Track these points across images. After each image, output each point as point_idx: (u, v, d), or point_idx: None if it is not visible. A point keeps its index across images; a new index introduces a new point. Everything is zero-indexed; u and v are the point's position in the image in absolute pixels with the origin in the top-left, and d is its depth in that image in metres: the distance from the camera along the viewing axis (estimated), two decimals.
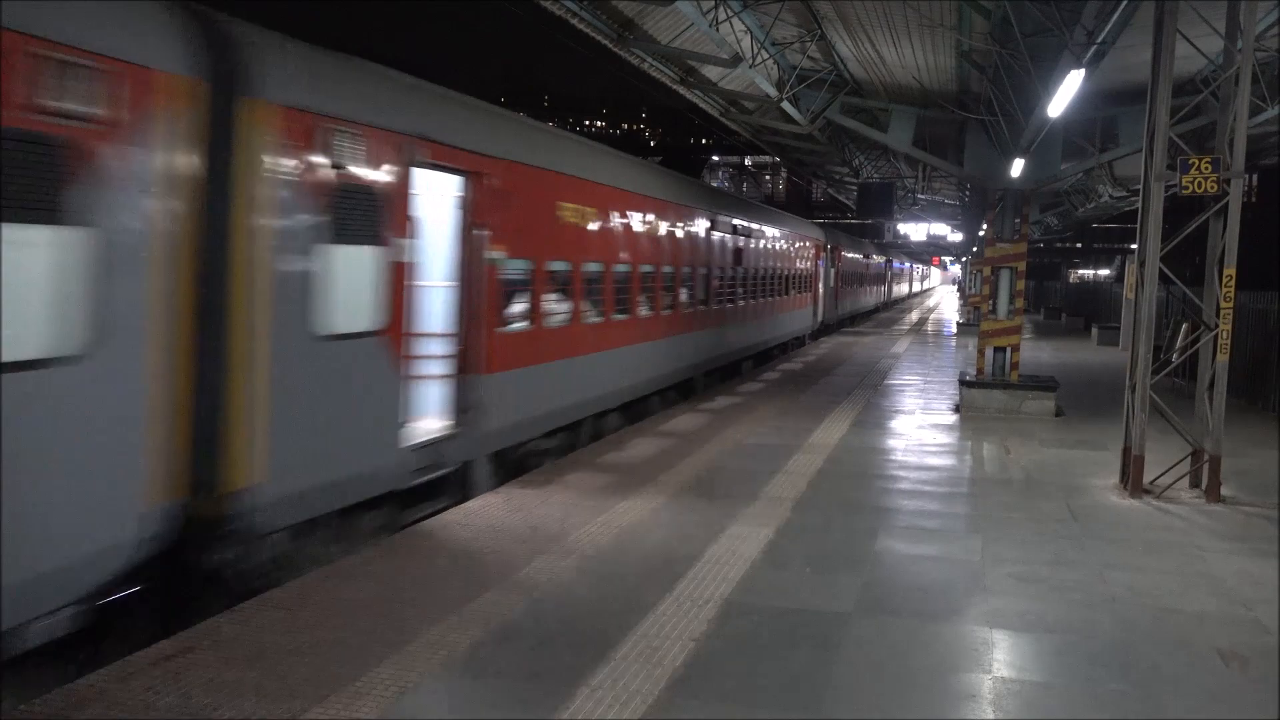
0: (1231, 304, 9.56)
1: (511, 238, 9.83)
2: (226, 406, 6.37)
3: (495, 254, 9.51)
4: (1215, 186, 9.46)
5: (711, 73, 17.85)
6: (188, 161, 6.01)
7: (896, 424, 13.94)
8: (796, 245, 26.79)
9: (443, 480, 8.93)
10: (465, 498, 9.08)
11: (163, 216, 5.83)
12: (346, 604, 6.13)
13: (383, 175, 7.72)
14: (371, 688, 4.96)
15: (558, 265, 11.17)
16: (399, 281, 7.98)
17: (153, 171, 5.73)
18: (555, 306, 11.19)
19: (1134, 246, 10.63)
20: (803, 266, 27.69)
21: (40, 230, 5.10)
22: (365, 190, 7.51)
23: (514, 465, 10.39)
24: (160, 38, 5.82)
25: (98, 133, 5.33)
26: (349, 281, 7.36)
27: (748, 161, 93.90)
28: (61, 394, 5.23)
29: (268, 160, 6.53)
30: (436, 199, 9.18)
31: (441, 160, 8.54)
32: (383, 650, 5.42)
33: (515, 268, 10.05)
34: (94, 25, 5.36)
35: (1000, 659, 5.59)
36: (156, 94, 5.72)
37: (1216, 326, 9.68)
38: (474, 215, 9.23)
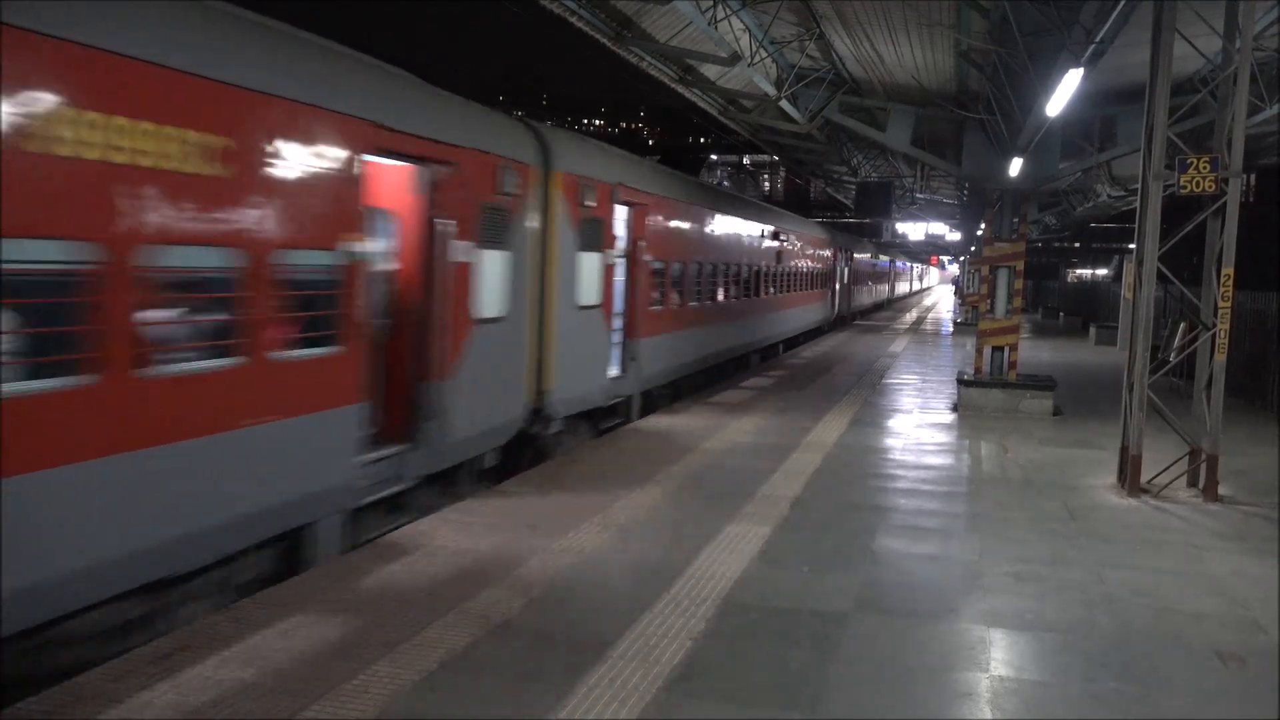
0: (1229, 303, 9.57)
1: (654, 246, 14.55)
2: (545, 345, 10.94)
3: (646, 257, 14.27)
4: (1213, 186, 9.47)
5: (710, 71, 17.84)
6: (537, 208, 10.62)
7: (895, 423, 13.94)
8: (822, 249, 31.76)
9: (619, 405, 13.73)
10: (629, 420, 13.83)
11: (532, 241, 10.48)
12: (343, 601, 6.13)
13: (603, 209, 12.35)
14: (369, 686, 4.95)
15: (678, 264, 15.90)
16: (608, 275, 12.68)
17: (530, 216, 10.40)
18: (676, 294, 15.88)
19: (1132, 246, 10.64)
20: (825, 266, 32.53)
21: (497, 253, 9.64)
22: (596, 219, 12.12)
23: (646, 404, 14.76)
24: (529, 147, 10.48)
25: (515, 200, 9.95)
26: (587, 274, 11.96)
27: (746, 160, 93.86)
28: (503, 336, 9.91)
29: (559, 203, 11.02)
30: (620, 222, 13.41)
31: (626, 198, 13.21)
32: (380, 648, 5.41)
33: (656, 266, 14.76)
34: (515, 145, 10.12)
35: (998, 658, 5.59)
36: (529, 176, 10.34)
37: (1214, 326, 9.68)
38: (637, 232, 13.98)
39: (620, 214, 13.28)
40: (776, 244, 23.78)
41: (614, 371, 13.18)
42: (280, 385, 6.64)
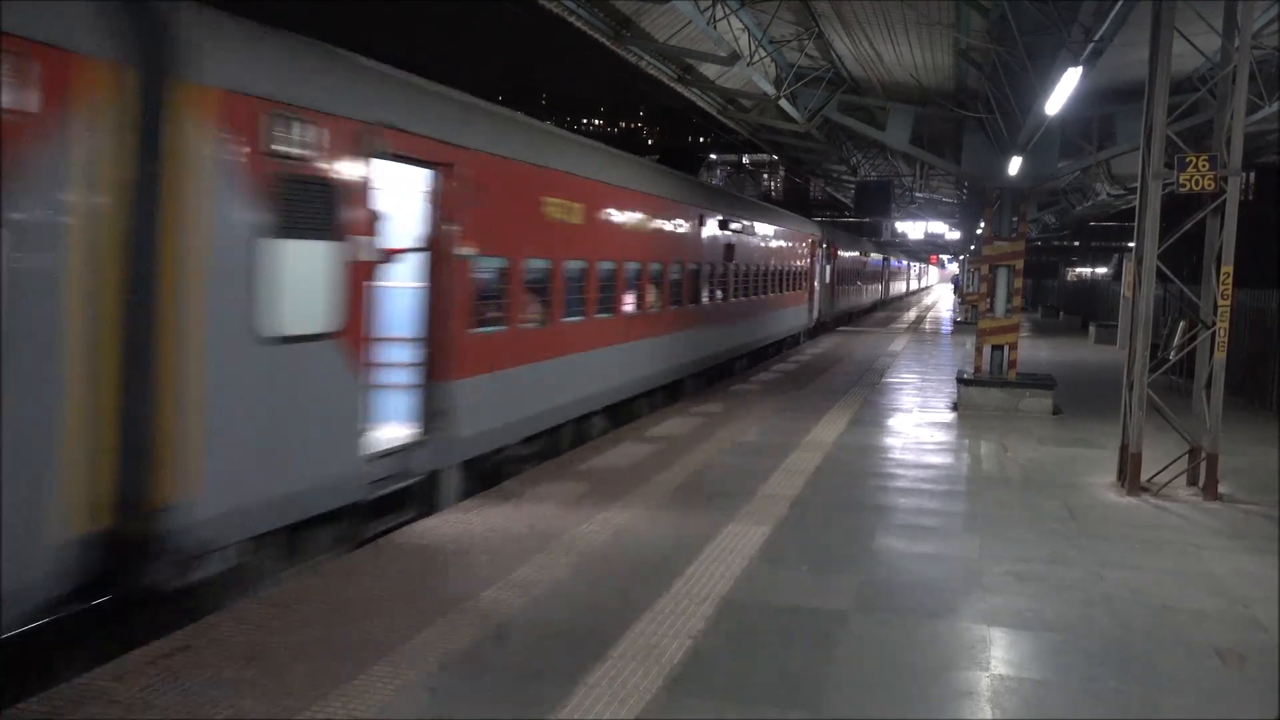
0: (1229, 302, 9.57)
1: (487, 233, 9.59)
2: (163, 408, 6.07)
3: (468, 250, 9.35)
4: (1213, 184, 9.47)
5: (709, 71, 17.84)
6: (125, 149, 5.71)
7: (894, 422, 13.94)
8: (795, 243, 26.58)
9: (412, 489, 8.69)
10: (430, 510, 9.02)
11: (103, 212, 5.54)
12: (344, 602, 6.13)
13: (339, 161, 7.28)
14: (369, 686, 4.96)
15: (540, 262, 11.24)
16: (356, 280, 7.72)
17: (93, 163, 5.48)
18: (539, 306, 11.15)
19: (1132, 245, 10.64)
20: (800, 264, 27.36)
21: None
22: (323, 183, 7.17)
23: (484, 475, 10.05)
24: (96, 22, 5.50)
25: (33, 122, 5.11)
26: (300, 278, 7.14)
27: (745, 160, 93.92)
28: None
29: (206, 146, 6.22)
30: (399, 191, 8.98)
31: (416, 151, 8.36)
32: (380, 649, 5.42)
33: (494, 265, 10.17)
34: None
35: (998, 657, 5.59)
36: (98, 81, 5.48)
37: (1214, 324, 9.68)
38: (449, 209, 9.24)
39: (404, 179, 8.70)
40: (726, 236, 18.94)
41: (398, 435, 8.52)
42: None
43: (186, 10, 6.10)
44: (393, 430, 8.54)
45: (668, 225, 15.62)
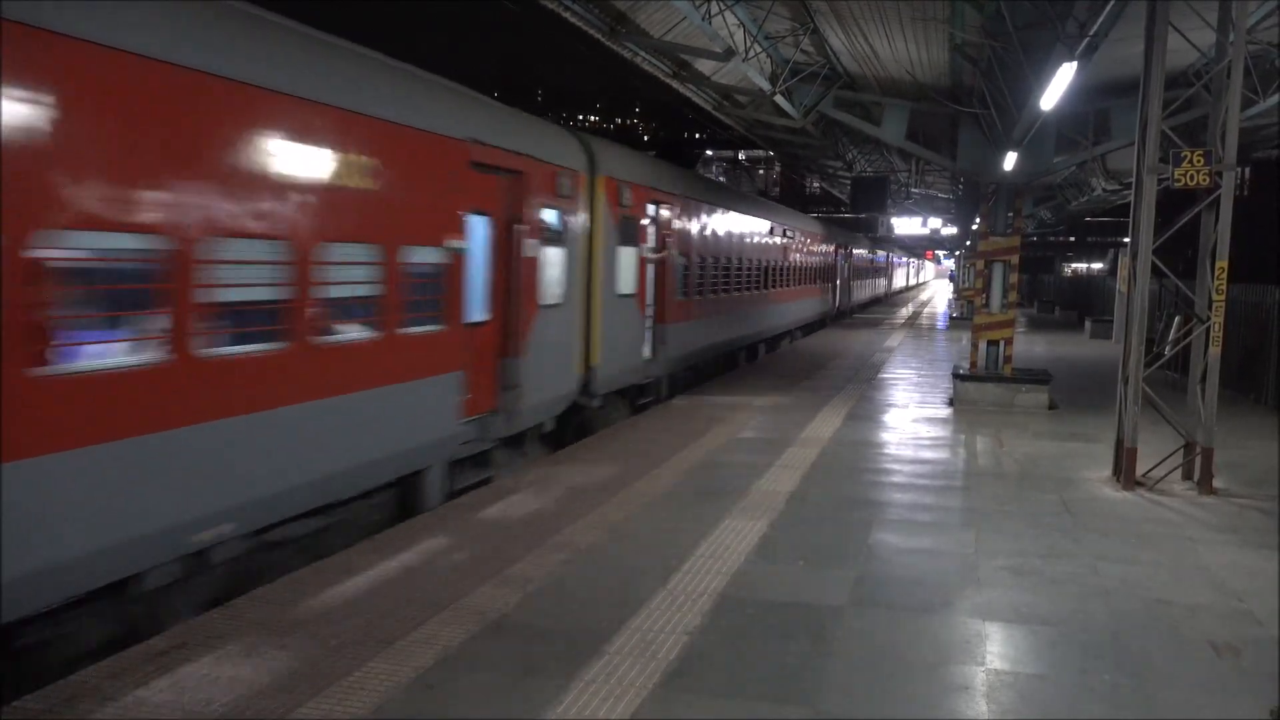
0: (1224, 296, 9.59)
1: (679, 242, 16.34)
2: (591, 328, 12.55)
3: (673, 252, 16.03)
4: (1207, 179, 9.48)
5: (705, 67, 17.82)
6: (586, 208, 12.37)
7: (890, 417, 13.95)
8: (824, 246, 33.41)
9: (650, 385, 15.59)
10: (658, 398, 15.96)
11: (582, 237, 12.21)
12: (340, 598, 6.13)
13: (638, 209, 14.09)
14: (366, 682, 4.96)
15: (699, 258, 17.65)
16: (641, 267, 14.35)
17: (580, 215, 12.22)
18: (698, 285, 17.55)
19: (1127, 240, 10.65)
20: (827, 262, 34.29)
21: (557, 249, 11.47)
22: (632, 217, 13.75)
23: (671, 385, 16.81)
24: (579, 155, 12.11)
25: (569, 201, 11.59)
26: (625, 266, 13.57)
27: (741, 156, 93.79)
28: (561, 320, 11.58)
29: (602, 204, 12.54)
30: (651, 220, 15.16)
31: (656, 199, 14.87)
32: (376, 645, 5.42)
33: (680, 260, 16.51)
34: (569, 154, 11.82)
35: (994, 651, 5.60)
36: (579, 181, 11.96)
37: (1209, 319, 9.70)
38: (665, 229, 15.61)
39: (651, 213, 14.81)
40: (784, 241, 25.51)
41: (647, 353, 14.83)
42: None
43: (594, 141, 12.92)
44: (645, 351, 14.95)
45: (761, 234, 23.20)
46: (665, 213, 15.39)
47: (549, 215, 10.91)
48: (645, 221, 14.38)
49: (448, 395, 8.83)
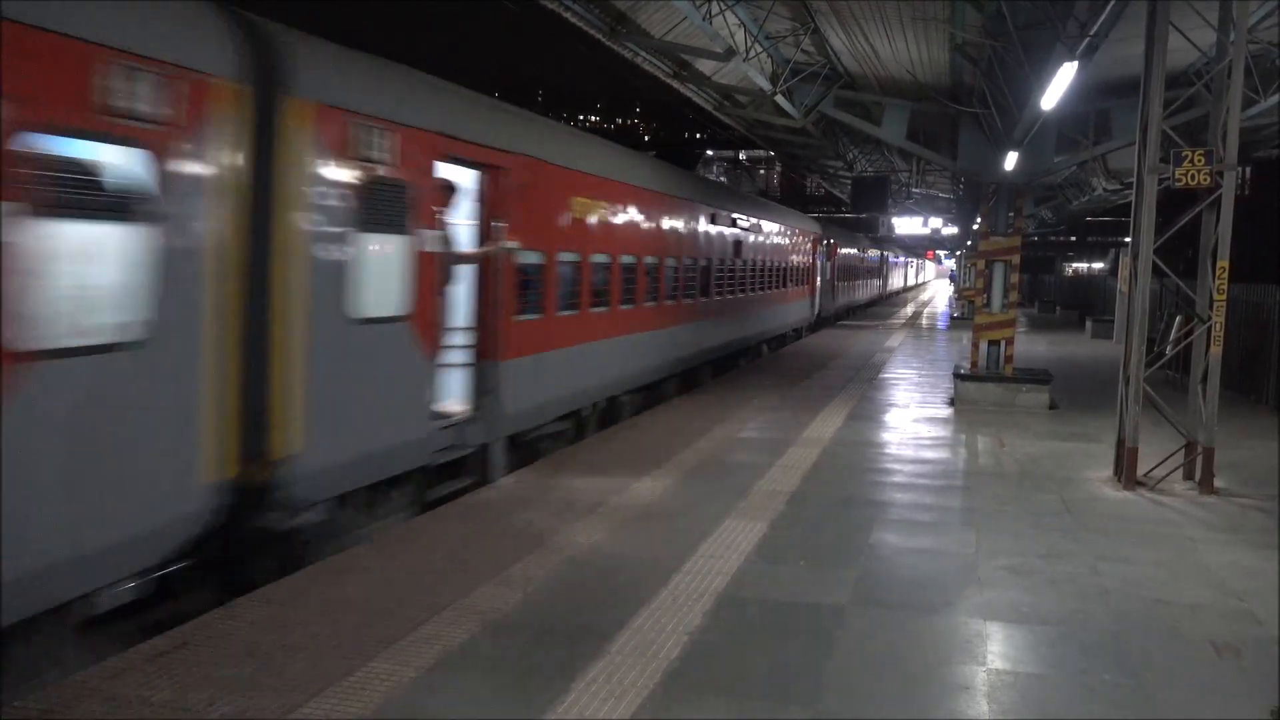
0: (1224, 296, 9.58)
1: (525, 229, 10.51)
2: (274, 381, 6.89)
3: (512, 244, 10.77)
4: (1208, 179, 9.48)
5: (705, 67, 17.82)
6: (244, 155, 6.68)
7: (891, 417, 13.95)
8: (798, 239, 27.84)
9: (467, 459, 9.80)
10: (485, 480, 9.89)
11: (230, 211, 6.47)
12: (341, 599, 6.13)
13: (413, 169, 8.35)
14: (366, 682, 4.96)
15: (571, 255, 12.25)
16: (425, 270, 8.63)
17: (219, 167, 6.40)
18: (572, 295, 12.31)
19: (1128, 240, 10.65)
20: (802, 260, 28.60)
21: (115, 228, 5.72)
22: (397, 183, 8.12)
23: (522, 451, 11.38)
24: (221, 48, 6.35)
25: (166, 134, 5.86)
26: (379, 268, 8.03)
27: (742, 155, 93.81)
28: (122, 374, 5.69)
29: (306, 153, 7.11)
30: (460, 192, 9.70)
31: (470, 156, 9.34)
32: (378, 644, 5.42)
33: (530, 260, 10.92)
34: (176, 37, 6.03)
35: (994, 651, 5.60)
36: (220, 99, 6.31)
37: (1209, 319, 9.70)
38: (495, 207, 10.13)
39: (462, 180, 9.62)
40: (735, 234, 20.23)
41: (451, 406, 9.49)
42: None
43: (292, 35, 7.18)
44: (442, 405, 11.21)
45: (695, 224, 17.23)
46: (499, 183, 9.89)
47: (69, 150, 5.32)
48: (432, 193, 8.68)
49: None
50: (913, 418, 13.93)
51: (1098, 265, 67.22)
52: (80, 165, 5.41)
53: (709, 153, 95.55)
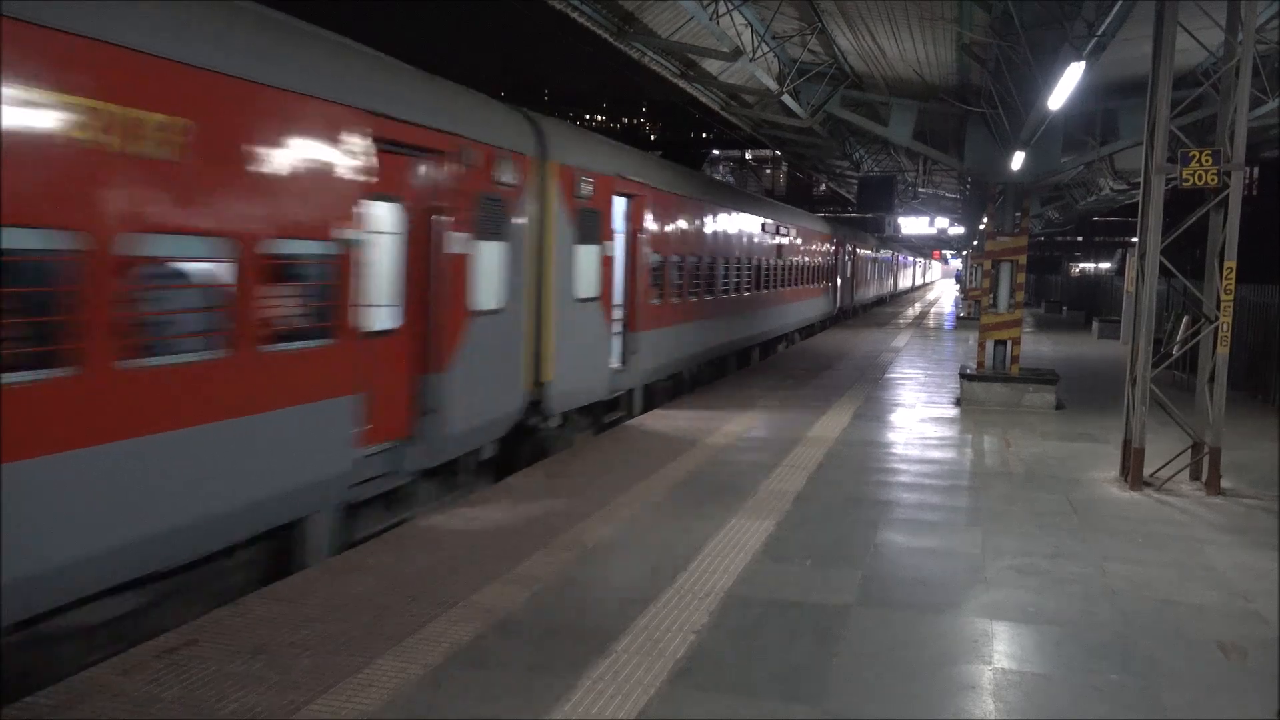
0: (1232, 297, 9.57)
1: (653, 239, 14.70)
2: (543, 337, 10.91)
3: (646, 250, 14.51)
4: (1215, 179, 9.46)
5: (712, 66, 17.81)
6: (534, 199, 10.69)
7: (897, 417, 13.95)
8: (824, 244, 32.54)
9: (620, 399, 13.98)
10: (630, 415, 14.12)
11: (529, 233, 10.52)
12: (349, 596, 6.16)
13: (601, 201, 12.34)
14: (374, 679, 4.98)
15: (677, 257, 16.22)
16: (606, 268, 12.63)
17: (527, 208, 10.47)
18: (677, 287, 16.24)
19: (1135, 240, 10.63)
20: (827, 261, 33.30)
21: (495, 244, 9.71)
22: (593, 211, 12.05)
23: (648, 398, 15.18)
24: (527, 137, 10.48)
25: (512, 191, 9.99)
26: (585, 266, 11.94)
27: (748, 155, 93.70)
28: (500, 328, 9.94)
29: (555, 195, 10.98)
30: (619, 215, 13.54)
31: (624, 190, 13.32)
32: (385, 642, 5.44)
33: (655, 260, 14.93)
34: (513, 135, 10.10)
35: (1000, 650, 5.61)
36: (526, 167, 10.29)
37: (1217, 319, 9.68)
38: (636, 224, 14.05)
39: (619, 206, 13.23)
40: (778, 239, 24.17)
41: (615, 364, 13.32)
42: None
43: (546, 121, 11.29)
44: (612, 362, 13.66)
45: (751, 231, 21.61)
46: (636, 207, 13.86)
47: (485, 205, 9.27)
48: (611, 216, 12.73)
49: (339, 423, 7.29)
50: (919, 417, 13.92)
51: (1104, 265, 67.07)
52: (486, 208, 9.34)
53: (715, 152, 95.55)
